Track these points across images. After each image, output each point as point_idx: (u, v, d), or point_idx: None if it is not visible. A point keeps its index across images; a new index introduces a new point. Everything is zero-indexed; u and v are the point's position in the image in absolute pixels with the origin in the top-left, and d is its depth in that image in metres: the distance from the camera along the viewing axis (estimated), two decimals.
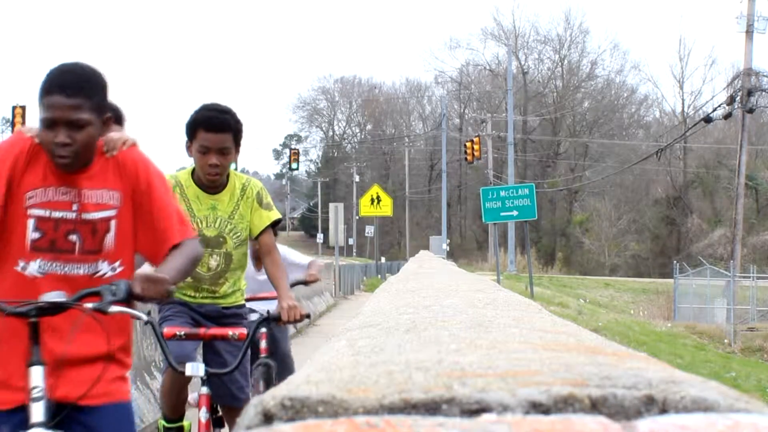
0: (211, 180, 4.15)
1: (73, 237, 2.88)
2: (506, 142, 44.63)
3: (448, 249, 40.68)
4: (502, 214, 25.60)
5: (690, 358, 17.51)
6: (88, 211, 2.88)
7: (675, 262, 32.08)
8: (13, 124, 30.91)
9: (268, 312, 4.13)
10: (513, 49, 57.64)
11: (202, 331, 4.03)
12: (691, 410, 0.57)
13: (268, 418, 0.59)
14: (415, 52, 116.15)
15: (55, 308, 2.76)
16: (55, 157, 2.78)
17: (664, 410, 0.57)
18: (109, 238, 2.92)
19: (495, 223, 27.62)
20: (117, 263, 2.93)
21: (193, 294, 4.31)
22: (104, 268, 2.92)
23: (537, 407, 0.57)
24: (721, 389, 0.60)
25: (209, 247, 4.18)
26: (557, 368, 0.66)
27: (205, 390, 3.81)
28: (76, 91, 2.74)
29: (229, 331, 3.99)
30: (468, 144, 43.89)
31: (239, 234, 4.26)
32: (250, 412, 0.59)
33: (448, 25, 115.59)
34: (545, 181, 57.83)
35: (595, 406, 0.57)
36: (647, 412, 0.58)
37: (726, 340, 22.74)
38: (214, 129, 4.06)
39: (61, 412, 2.78)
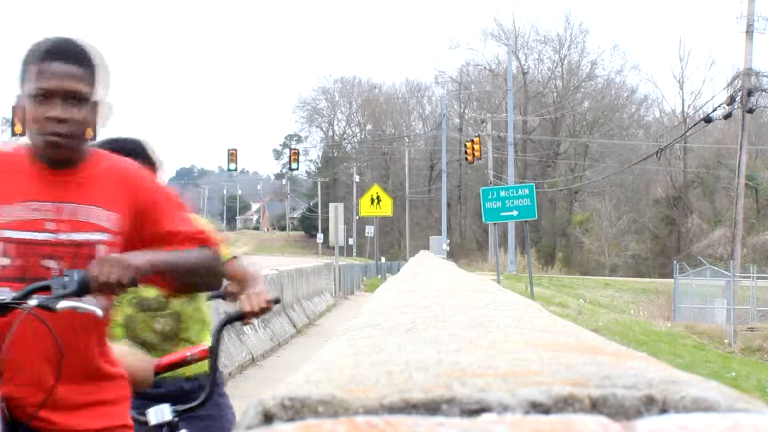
0: None
1: (49, 263, 2.35)
2: (506, 142, 44.62)
3: (448, 249, 40.68)
4: (502, 214, 25.60)
5: (690, 358, 17.50)
6: (68, 230, 2.34)
7: (675, 262, 32.06)
8: (13, 124, 30.92)
9: (227, 313, 3.46)
10: (513, 49, 57.64)
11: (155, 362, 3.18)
12: (691, 410, 0.57)
13: (268, 418, 0.59)
14: (415, 52, 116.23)
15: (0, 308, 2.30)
16: (46, 136, 2.28)
17: (664, 410, 0.58)
18: None
19: (495, 223, 27.63)
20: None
21: None
22: (87, 301, 2.34)
23: (537, 407, 0.57)
24: (721, 389, 0.60)
25: (150, 310, 3.48)
26: (557, 368, 0.66)
27: None
28: (79, 59, 2.31)
29: (187, 353, 3.26)
30: (468, 144, 43.88)
31: None
32: (250, 412, 0.59)
33: (448, 25, 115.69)
34: (545, 181, 57.82)
35: (595, 406, 0.58)
36: (647, 412, 0.58)
37: (726, 340, 22.73)
38: None
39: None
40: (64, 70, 2.29)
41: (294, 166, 42.86)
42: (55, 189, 2.34)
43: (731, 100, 27.00)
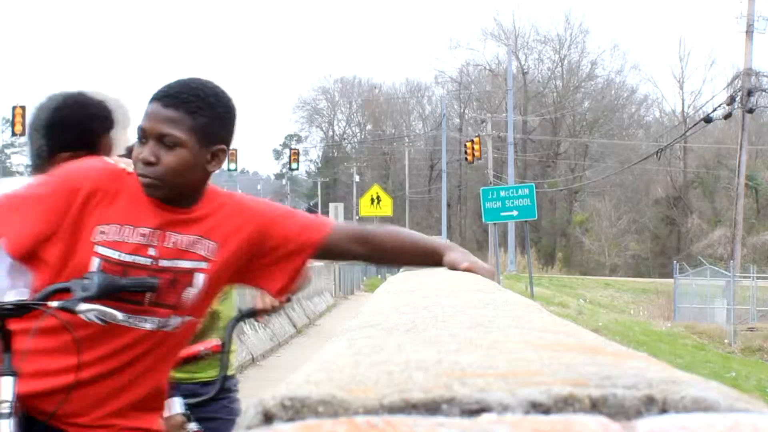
0: None
1: None
2: (506, 142, 44.62)
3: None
4: (502, 214, 25.63)
5: (690, 358, 17.51)
6: (168, 256, 2.37)
7: (675, 262, 32.07)
8: (13, 124, 30.91)
9: (239, 310, 3.54)
10: (513, 49, 57.65)
11: None
12: (691, 410, 0.57)
13: (268, 417, 0.59)
14: (415, 52, 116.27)
15: (19, 309, 2.35)
16: (138, 176, 2.31)
17: (664, 410, 0.57)
18: (191, 294, 2.41)
19: (495, 223, 27.64)
20: (187, 316, 2.45)
21: None
22: (174, 322, 2.42)
23: (537, 407, 0.57)
24: (721, 389, 0.60)
25: None
26: (557, 368, 0.66)
27: (194, 427, 3.22)
28: (176, 102, 2.29)
29: (201, 347, 3.28)
30: (468, 144, 43.90)
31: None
32: (250, 412, 0.59)
33: (448, 25, 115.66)
34: (545, 181, 57.82)
35: (595, 406, 0.57)
36: (647, 412, 0.58)
37: (726, 340, 22.74)
38: None
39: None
40: (159, 113, 2.29)
41: (294, 166, 42.91)
42: (166, 220, 2.37)
43: (731, 100, 27.01)
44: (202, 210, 2.42)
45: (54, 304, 2.30)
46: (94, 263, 2.34)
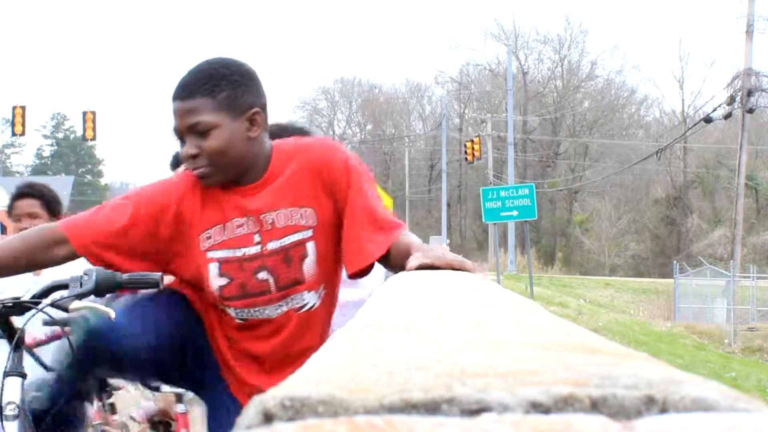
0: None
1: (263, 275, 2.40)
2: (506, 142, 44.62)
3: (448, 249, 40.62)
4: (502, 214, 25.64)
5: (690, 358, 17.51)
6: (273, 237, 2.38)
7: (675, 262, 32.07)
8: (13, 124, 30.91)
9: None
10: (513, 49, 57.64)
11: None
12: (691, 410, 0.57)
13: (268, 417, 0.59)
14: (415, 52, 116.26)
15: (15, 307, 2.39)
16: (193, 173, 2.35)
17: (664, 410, 0.57)
18: (309, 264, 2.41)
19: (495, 223, 27.64)
20: (320, 288, 2.45)
21: None
22: (310, 298, 2.43)
23: (537, 407, 0.57)
24: (721, 389, 0.60)
25: None
26: (557, 368, 0.66)
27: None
28: (191, 91, 2.31)
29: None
30: (468, 144, 43.92)
31: None
32: (250, 411, 0.59)
33: (448, 25, 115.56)
34: (545, 181, 57.83)
35: (595, 406, 0.57)
36: (647, 412, 0.57)
37: (726, 340, 22.73)
38: None
39: None
40: (182, 108, 2.32)
41: None
42: (249, 202, 2.38)
43: (731, 100, 27.00)
44: (278, 177, 2.40)
45: (47, 300, 2.33)
46: (212, 269, 2.38)
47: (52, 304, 2.31)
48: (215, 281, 2.39)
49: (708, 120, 29.25)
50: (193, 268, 2.40)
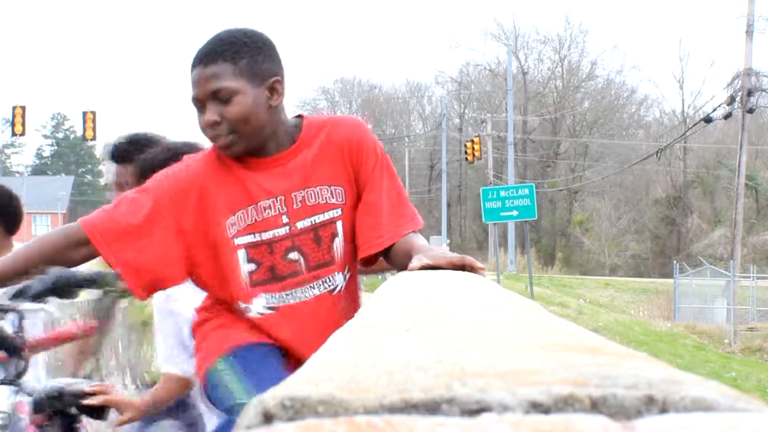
0: None
1: (294, 255, 2.32)
2: (506, 142, 44.62)
3: (448, 249, 40.63)
4: (502, 214, 25.63)
5: (690, 358, 17.52)
6: (302, 216, 2.30)
7: (675, 262, 32.07)
8: (13, 125, 30.91)
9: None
10: (513, 49, 57.64)
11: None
12: (691, 410, 0.57)
13: (268, 417, 0.59)
14: (415, 52, 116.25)
15: None
16: (213, 142, 2.27)
17: (664, 410, 0.57)
18: (338, 244, 2.35)
19: (495, 223, 27.63)
20: (346, 270, 2.40)
21: None
22: (339, 280, 2.37)
23: (537, 407, 0.57)
24: (721, 389, 0.60)
25: None
26: (557, 368, 0.66)
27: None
28: (212, 58, 2.24)
29: (74, 327, 3.07)
30: (468, 144, 43.93)
31: None
32: (250, 412, 0.59)
33: (448, 25, 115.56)
34: (545, 181, 57.83)
35: (595, 406, 0.57)
36: (647, 412, 0.57)
37: (726, 340, 22.73)
38: None
39: None
40: (203, 75, 2.24)
41: None
42: (276, 181, 2.30)
43: (731, 100, 27.00)
44: (305, 149, 2.32)
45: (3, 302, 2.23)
46: (241, 256, 2.30)
47: (3, 308, 2.21)
48: (245, 267, 2.30)
49: (708, 120, 29.25)
50: (221, 260, 2.30)
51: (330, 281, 2.35)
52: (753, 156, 49.84)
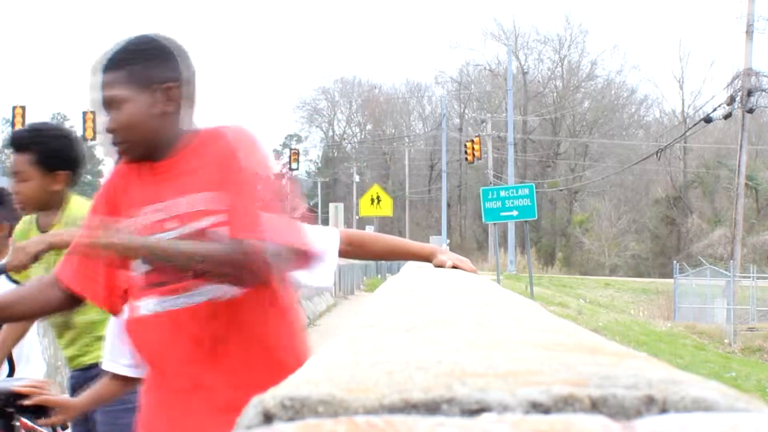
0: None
1: None
2: (506, 142, 44.61)
3: (448, 249, 40.58)
4: (502, 214, 25.60)
5: (690, 358, 17.51)
6: (188, 221, 2.28)
7: (675, 262, 32.06)
8: (13, 124, 30.93)
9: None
10: (513, 49, 57.64)
11: None
12: (691, 410, 0.57)
13: (268, 417, 0.59)
14: (415, 52, 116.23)
15: None
16: (111, 147, 2.34)
17: (664, 410, 0.57)
18: None
19: (495, 223, 27.61)
20: None
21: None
22: (226, 288, 2.28)
23: (537, 407, 0.57)
24: (721, 389, 0.60)
25: None
26: (557, 368, 0.66)
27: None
28: (109, 65, 2.29)
29: None
30: (468, 144, 43.92)
31: None
32: (250, 412, 0.59)
33: (448, 25, 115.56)
34: (545, 181, 57.83)
35: (595, 406, 0.57)
36: (647, 412, 0.57)
37: (726, 340, 22.73)
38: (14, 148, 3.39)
39: None
40: (101, 81, 2.31)
41: (294, 166, 42.91)
42: (163, 188, 2.32)
43: (731, 100, 27.00)
44: (188, 156, 2.33)
45: None
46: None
47: None
48: (139, 268, 2.34)
49: (708, 120, 29.25)
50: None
51: (215, 289, 2.28)
52: (753, 156, 49.86)
